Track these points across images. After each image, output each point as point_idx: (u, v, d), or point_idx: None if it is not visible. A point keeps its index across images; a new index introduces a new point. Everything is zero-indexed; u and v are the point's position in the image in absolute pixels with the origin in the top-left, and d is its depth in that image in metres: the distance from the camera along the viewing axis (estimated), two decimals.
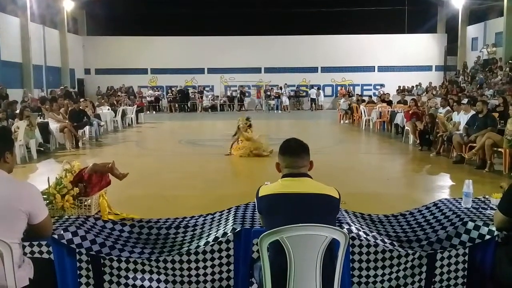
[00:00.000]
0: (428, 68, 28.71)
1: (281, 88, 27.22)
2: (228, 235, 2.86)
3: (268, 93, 27.36)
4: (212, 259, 3.18)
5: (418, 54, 28.31)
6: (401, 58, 28.21)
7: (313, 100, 27.72)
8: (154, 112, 26.20)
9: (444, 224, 3.07)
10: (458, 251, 3.21)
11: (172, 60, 28.00)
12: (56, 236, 2.61)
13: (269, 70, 28.82)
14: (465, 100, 10.55)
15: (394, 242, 2.98)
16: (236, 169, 9.02)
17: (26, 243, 2.85)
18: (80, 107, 13.03)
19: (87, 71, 28.84)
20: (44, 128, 11.07)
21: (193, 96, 27.48)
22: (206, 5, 26.45)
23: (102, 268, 3.18)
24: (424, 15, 28.05)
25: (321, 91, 28.23)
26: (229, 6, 26.35)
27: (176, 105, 26.89)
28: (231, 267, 3.16)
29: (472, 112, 9.20)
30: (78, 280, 3.06)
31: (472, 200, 3.31)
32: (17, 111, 10.97)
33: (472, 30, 26.44)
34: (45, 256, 3.05)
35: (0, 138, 2.49)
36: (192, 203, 6.02)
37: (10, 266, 2.26)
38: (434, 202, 3.46)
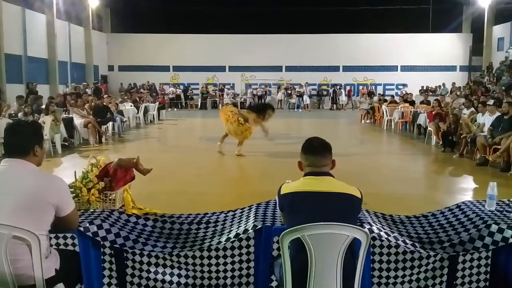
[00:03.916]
0: (452, 68, 28.24)
1: (302, 87, 27.13)
2: (249, 232, 2.87)
3: (289, 91, 27.29)
4: (233, 255, 3.21)
5: (442, 54, 27.86)
6: (425, 58, 27.79)
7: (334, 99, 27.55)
8: (175, 109, 26.43)
9: (467, 226, 3.03)
10: (481, 254, 3.16)
11: (193, 58, 28.19)
12: (82, 229, 2.67)
13: (290, 68, 28.76)
14: (490, 101, 10.34)
15: (416, 244, 2.95)
16: (256, 167, 9.04)
17: (52, 235, 2.93)
18: (104, 103, 13.24)
19: (111, 68, 29.27)
20: (69, 123, 11.29)
21: (214, 93, 27.62)
22: (228, 3, 26.54)
23: (125, 261, 3.24)
24: (449, 14, 27.55)
25: (342, 90, 28.04)
26: (251, 5, 26.37)
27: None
28: (251, 263, 3.18)
29: (497, 114, 9.03)
30: (102, 272, 3.13)
31: (496, 203, 3.27)
32: (43, 106, 11.22)
33: (498, 30, 25.89)
34: (70, 248, 3.13)
35: (31, 132, 2.54)
36: (213, 200, 6.07)
37: (38, 256, 2.32)
38: (457, 204, 3.42)
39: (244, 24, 27.22)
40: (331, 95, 27.57)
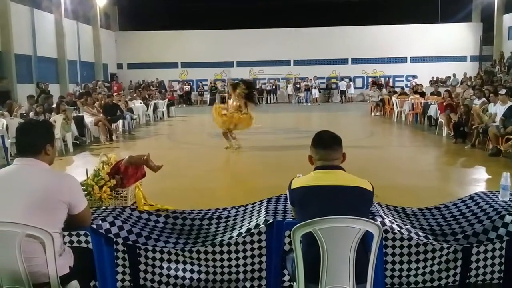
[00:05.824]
0: (462, 58, 27.93)
1: (310, 81, 27.05)
2: (261, 226, 2.87)
3: (298, 85, 27.22)
4: (245, 250, 3.21)
5: (452, 44, 27.56)
6: (434, 48, 27.52)
7: (343, 92, 27.45)
8: (184, 105, 26.50)
9: (481, 217, 2.99)
10: (494, 245, 3.14)
11: (202, 54, 28.21)
12: (94, 226, 2.69)
13: (298, 62, 28.67)
14: (502, 91, 10.22)
15: (429, 236, 2.93)
16: (266, 162, 9.03)
17: (65, 233, 2.96)
18: (114, 101, 13.31)
19: (120, 66, 29.40)
20: (80, 122, 11.38)
21: (222, 89, 27.65)
22: None
23: (138, 258, 3.27)
24: (458, 4, 27.23)
25: (351, 83, 27.90)
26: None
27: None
28: (263, 258, 3.19)
29: (509, 103, 8.93)
30: (115, 268, 3.16)
31: (510, 194, 3.22)
32: (54, 105, 11.31)
33: (509, 19, 25.53)
34: (83, 245, 3.16)
35: (42, 131, 2.56)
36: (223, 195, 6.09)
37: (52, 254, 2.34)
38: (470, 195, 3.38)
39: (252, 19, 27.17)
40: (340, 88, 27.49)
